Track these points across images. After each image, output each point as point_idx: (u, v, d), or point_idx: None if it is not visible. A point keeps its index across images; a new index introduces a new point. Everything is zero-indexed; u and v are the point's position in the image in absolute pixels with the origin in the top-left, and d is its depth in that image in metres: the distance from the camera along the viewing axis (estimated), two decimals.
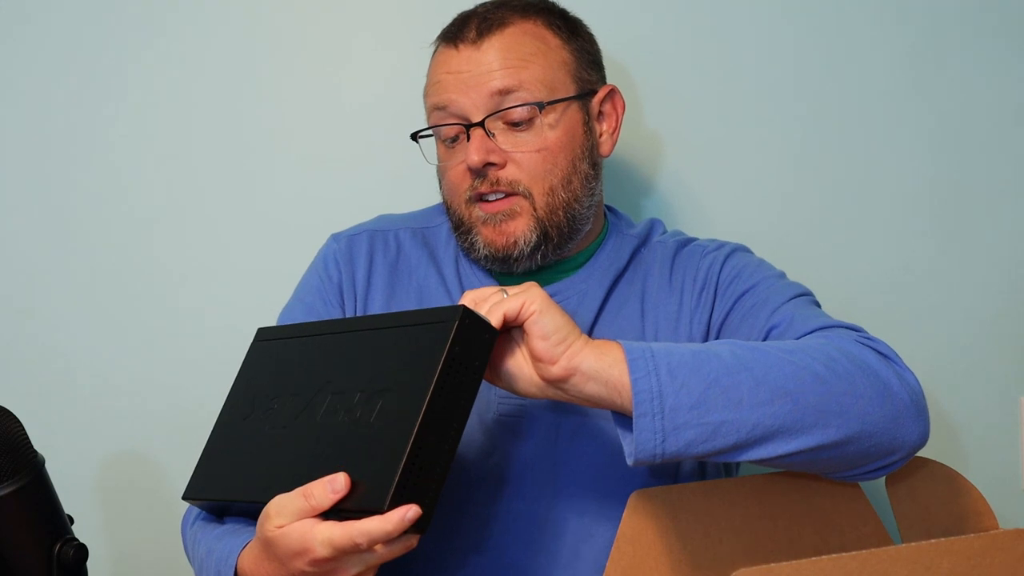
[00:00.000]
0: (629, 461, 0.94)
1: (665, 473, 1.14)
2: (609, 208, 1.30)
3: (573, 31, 1.20)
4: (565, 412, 1.14)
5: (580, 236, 1.20)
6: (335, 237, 1.26)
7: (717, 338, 1.16)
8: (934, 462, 1.11)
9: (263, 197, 1.49)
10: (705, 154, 1.51)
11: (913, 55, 1.52)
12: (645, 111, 1.50)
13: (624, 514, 1.03)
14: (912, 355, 1.48)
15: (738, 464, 1.25)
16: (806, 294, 1.16)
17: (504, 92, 1.13)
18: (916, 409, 1.00)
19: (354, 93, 1.49)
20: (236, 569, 0.94)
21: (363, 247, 1.23)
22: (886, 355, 1.03)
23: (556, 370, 0.93)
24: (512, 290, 0.96)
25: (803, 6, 1.51)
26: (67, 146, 1.48)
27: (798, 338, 1.06)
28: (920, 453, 1.14)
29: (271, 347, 1.08)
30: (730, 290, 1.17)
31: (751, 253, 1.24)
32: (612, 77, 1.28)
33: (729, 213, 1.50)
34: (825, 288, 1.40)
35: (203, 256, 1.48)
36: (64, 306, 1.48)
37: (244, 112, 1.49)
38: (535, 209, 1.15)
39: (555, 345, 0.93)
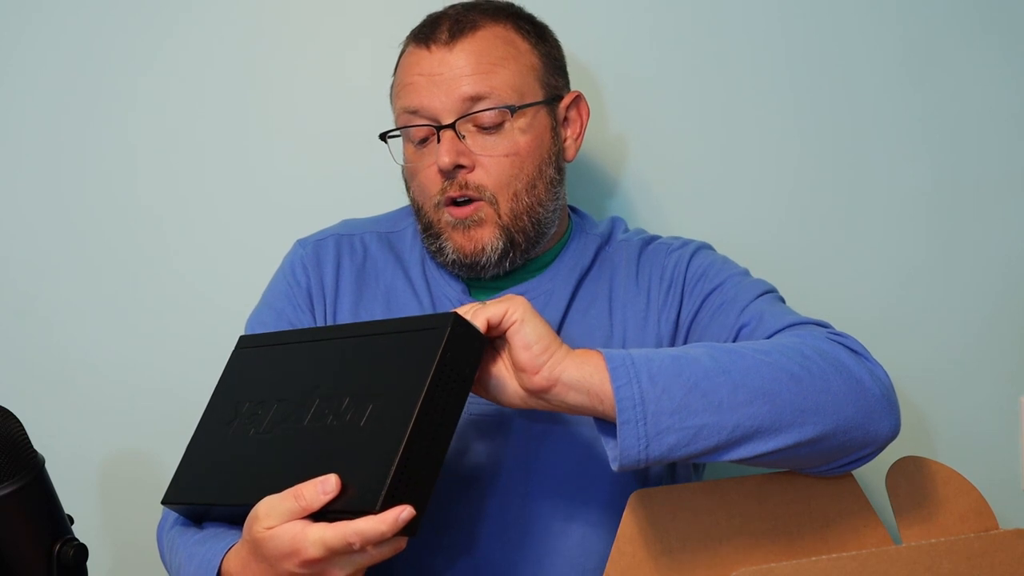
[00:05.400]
0: (614, 467, 0.95)
1: (635, 474, 1.15)
2: (572, 208, 1.31)
3: (541, 36, 1.21)
4: (537, 412, 1.14)
5: (546, 239, 1.21)
6: (301, 243, 1.27)
7: (686, 336, 1.18)
8: (934, 462, 1.11)
9: (271, 200, 1.49)
10: (671, 157, 1.50)
11: (902, 55, 1.52)
12: (610, 114, 1.50)
13: (624, 514, 1.04)
14: (912, 356, 1.50)
15: (704, 464, 1.26)
16: (771, 291, 1.18)
17: (475, 98, 1.14)
18: (887, 403, 1.02)
19: (362, 93, 1.49)
20: (220, 572, 0.94)
21: (330, 252, 1.24)
22: (856, 351, 1.05)
23: (539, 380, 0.94)
24: (492, 301, 0.97)
25: (771, 8, 1.50)
26: (72, 149, 1.48)
27: (769, 335, 1.09)
28: (920, 453, 1.14)
29: (254, 354, 1.08)
30: (697, 288, 1.18)
31: (714, 251, 1.26)
32: (577, 80, 1.29)
33: (696, 216, 1.50)
34: (811, 290, 1.41)
35: (205, 256, 1.48)
36: (65, 306, 1.48)
37: (252, 113, 1.49)
38: (499, 216, 1.16)
39: (538, 355, 0.94)
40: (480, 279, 1.20)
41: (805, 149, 1.51)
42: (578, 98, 1.23)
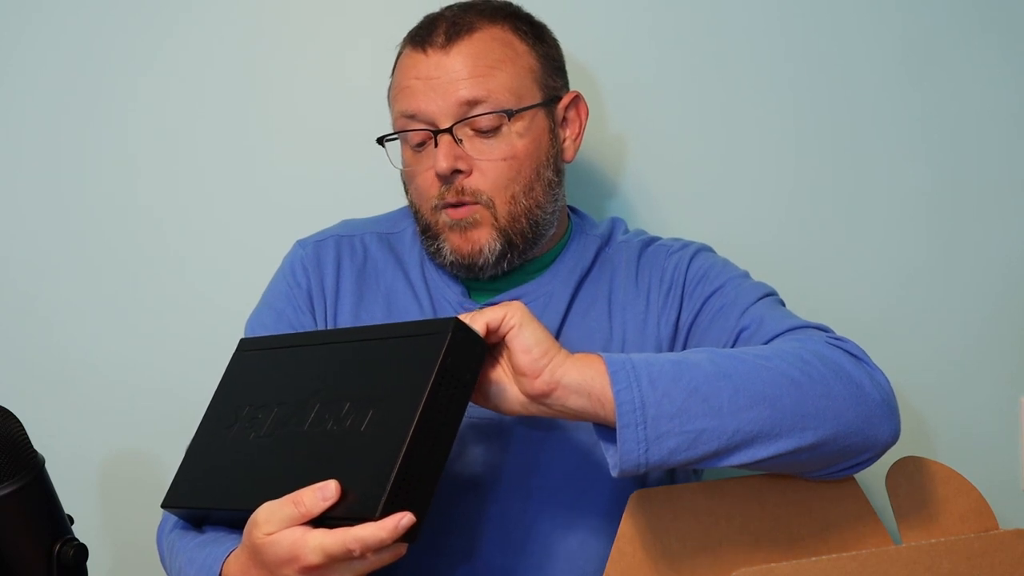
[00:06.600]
0: (614, 472, 0.95)
1: (634, 480, 1.14)
2: (572, 209, 1.30)
3: (539, 37, 1.20)
4: (537, 417, 1.14)
5: (544, 240, 1.20)
6: (301, 243, 1.26)
7: (686, 339, 1.18)
8: (934, 462, 1.11)
9: (271, 200, 1.49)
10: (670, 157, 1.50)
11: (901, 55, 1.51)
12: (609, 114, 1.50)
13: (624, 514, 1.04)
14: (912, 356, 1.50)
15: (703, 469, 1.26)
16: (772, 294, 1.18)
17: (472, 102, 1.13)
18: (887, 408, 1.02)
19: (362, 93, 1.49)
20: None
21: (330, 252, 1.24)
22: (856, 355, 1.04)
23: (539, 384, 0.94)
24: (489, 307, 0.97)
25: (771, 8, 1.50)
26: (72, 149, 1.48)
27: (769, 339, 1.08)
28: (920, 453, 1.14)
29: (254, 357, 1.08)
30: (698, 291, 1.18)
31: (715, 253, 1.26)
32: (576, 80, 1.28)
33: (696, 216, 1.50)
34: (810, 291, 1.41)
35: (205, 256, 1.48)
36: (65, 306, 1.48)
37: (252, 113, 1.49)
38: (496, 219, 1.15)
39: (538, 358, 0.94)
40: (479, 280, 1.20)
41: (804, 149, 1.51)
42: (577, 98, 1.23)
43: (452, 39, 1.15)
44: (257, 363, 1.07)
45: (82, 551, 0.97)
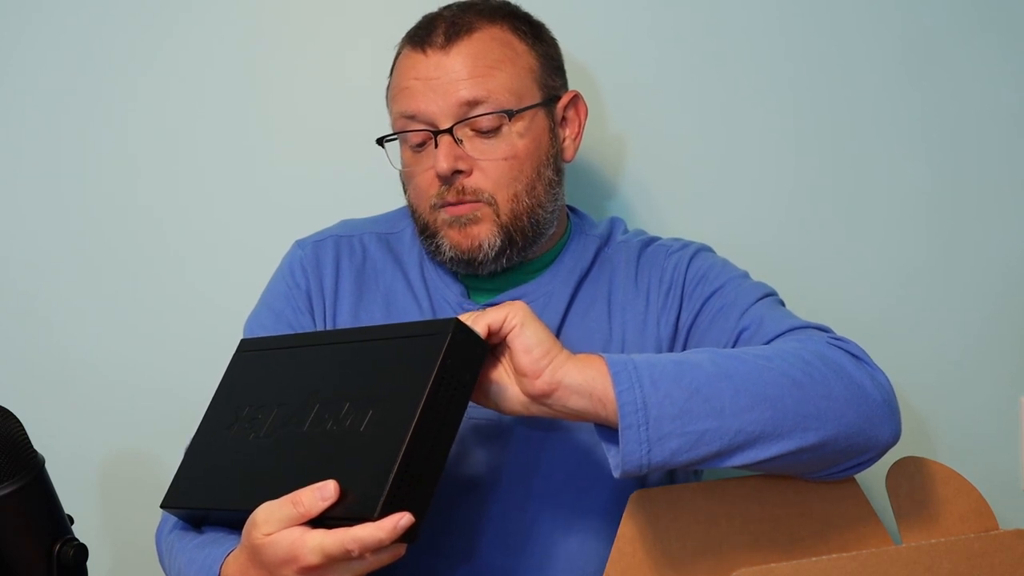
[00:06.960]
0: (616, 473, 0.95)
1: (635, 481, 1.14)
2: (571, 209, 1.30)
3: (538, 36, 1.20)
4: (537, 418, 1.14)
5: (544, 239, 1.20)
6: (300, 244, 1.26)
7: (686, 339, 1.18)
8: (934, 462, 1.11)
9: (271, 200, 1.49)
10: (670, 157, 1.50)
11: (901, 54, 1.51)
12: (608, 114, 1.50)
13: (624, 514, 1.04)
14: (912, 356, 1.50)
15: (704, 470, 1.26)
16: (771, 294, 1.18)
17: (472, 103, 1.13)
18: (888, 408, 1.02)
19: (362, 93, 1.49)
20: None
21: (329, 253, 1.24)
22: (857, 356, 1.04)
23: (540, 384, 0.94)
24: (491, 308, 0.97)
25: (771, 7, 1.50)
26: (72, 149, 1.48)
27: (769, 340, 1.08)
28: (920, 453, 1.14)
29: (254, 358, 1.08)
30: (697, 291, 1.18)
31: (714, 253, 1.25)
32: (575, 80, 1.28)
33: (695, 216, 1.50)
34: (810, 291, 1.41)
35: (205, 256, 1.48)
36: (65, 306, 1.48)
37: (252, 113, 1.49)
38: (498, 216, 1.15)
39: (539, 359, 0.93)
40: (477, 276, 1.20)
41: (804, 149, 1.51)
42: (576, 98, 1.23)
43: (451, 39, 1.15)
44: (257, 364, 1.07)
45: (82, 551, 0.97)
